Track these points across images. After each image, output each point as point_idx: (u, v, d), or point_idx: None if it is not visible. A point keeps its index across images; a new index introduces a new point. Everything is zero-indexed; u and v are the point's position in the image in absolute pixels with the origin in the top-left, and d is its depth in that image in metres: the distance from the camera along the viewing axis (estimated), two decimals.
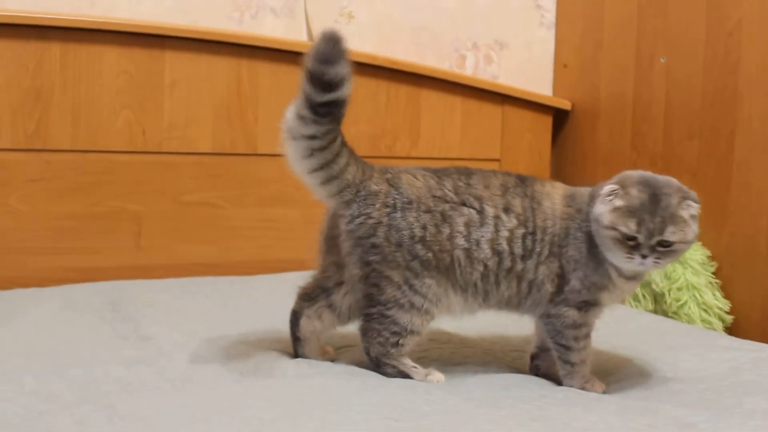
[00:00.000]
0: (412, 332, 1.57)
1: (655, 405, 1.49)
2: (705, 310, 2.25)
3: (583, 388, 1.58)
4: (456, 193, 1.57)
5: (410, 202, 1.55)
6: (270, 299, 2.05)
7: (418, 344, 1.62)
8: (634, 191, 1.49)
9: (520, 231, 1.56)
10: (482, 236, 1.55)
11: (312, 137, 1.54)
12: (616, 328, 2.03)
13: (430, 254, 1.54)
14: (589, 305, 1.57)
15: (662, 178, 1.54)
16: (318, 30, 2.53)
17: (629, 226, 1.47)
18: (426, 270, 1.55)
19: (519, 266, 1.56)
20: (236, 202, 2.39)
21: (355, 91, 2.58)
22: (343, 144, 1.56)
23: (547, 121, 2.84)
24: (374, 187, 1.56)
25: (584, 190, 1.61)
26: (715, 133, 2.40)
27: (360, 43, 2.57)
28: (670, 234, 1.48)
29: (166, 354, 1.64)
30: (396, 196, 1.55)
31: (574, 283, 1.56)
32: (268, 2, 2.50)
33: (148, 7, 2.37)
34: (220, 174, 2.38)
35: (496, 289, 1.58)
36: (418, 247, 1.54)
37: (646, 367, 1.72)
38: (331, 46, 1.49)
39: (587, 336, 1.59)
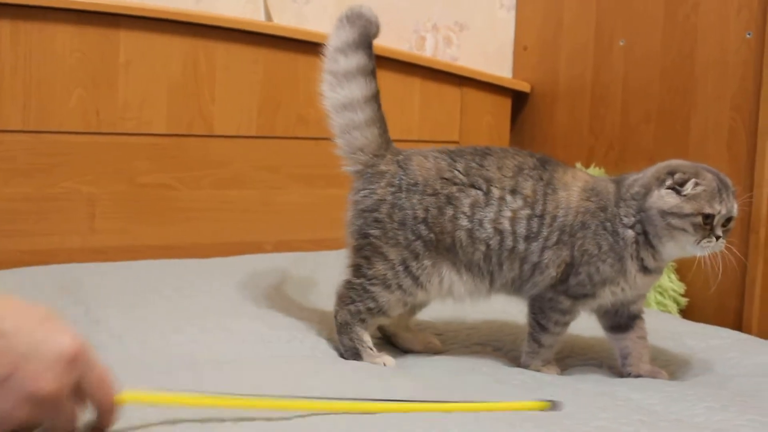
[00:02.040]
0: (384, 313, 1.60)
1: (611, 388, 1.50)
2: (660, 293, 2.27)
3: (538, 371, 1.59)
4: (466, 174, 1.58)
5: (416, 184, 1.58)
6: (226, 282, 2.04)
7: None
8: (708, 175, 1.52)
9: (525, 212, 1.56)
10: (485, 216, 1.56)
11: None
12: None
13: (432, 235, 1.56)
14: (586, 297, 1.57)
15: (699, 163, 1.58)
16: (275, 10, 2.53)
17: (714, 207, 1.49)
18: (427, 251, 1.56)
19: (521, 246, 1.56)
20: (192, 184, 2.36)
21: (312, 71, 2.57)
22: (376, 99, 1.62)
23: (506, 104, 2.84)
24: (382, 168, 1.60)
25: (607, 185, 1.60)
26: (671, 116, 2.41)
27: (317, 24, 2.55)
28: (736, 210, 1.53)
29: (117, 336, 1.62)
30: (402, 177, 1.58)
31: (583, 276, 1.55)
32: None
33: None
34: (176, 155, 2.35)
35: (499, 270, 1.58)
36: (422, 227, 1.56)
37: (602, 351, 1.72)
38: None
39: (567, 324, 1.60)
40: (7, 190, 2.18)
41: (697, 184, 1.50)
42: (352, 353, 1.59)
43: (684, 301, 2.30)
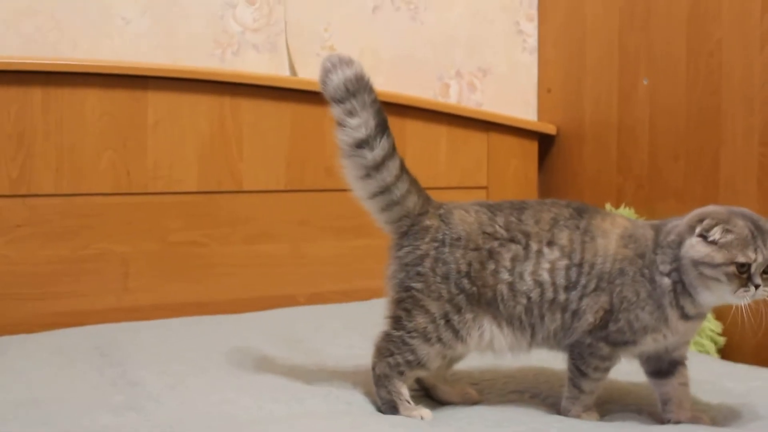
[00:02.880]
0: (423, 365, 1.59)
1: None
2: (697, 333, 2.24)
3: (578, 417, 1.57)
4: (507, 229, 1.59)
5: (459, 239, 1.58)
6: (260, 337, 2.04)
7: None
8: (739, 222, 1.48)
9: (563, 262, 1.56)
10: (525, 269, 1.56)
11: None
12: None
13: (474, 288, 1.56)
14: (626, 344, 1.56)
15: (739, 208, 1.54)
16: (299, 64, 2.56)
17: (748, 255, 1.46)
18: (470, 304, 1.56)
19: (562, 296, 1.56)
20: (223, 240, 2.38)
21: None
22: (403, 169, 1.60)
23: (532, 147, 2.84)
24: (427, 222, 1.60)
25: (646, 232, 1.58)
26: (699, 153, 2.40)
27: None
28: None
29: (154, 398, 1.63)
30: (446, 232, 1.59)
31: (623, 324, 1.54)
32: (250, 38, 2.50)
33: (129, 47, 2.36)
34: (206, 213, 2.37)
35: (541, 323, 1.58)
36: (465, 281, 1.56)
37: (642, 397, 1.70)
38: None
39: (607, 370, 1.59)
40: (42, 253, 2.21)
41: (728, 231, 1.47)
42: (390, 406, 1.58)
43: (722, 340, 2.27)
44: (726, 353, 2.25)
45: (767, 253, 1.47)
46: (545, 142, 2.88)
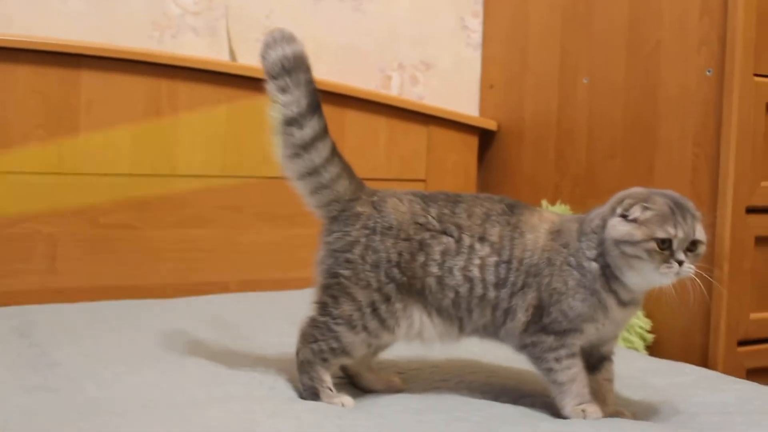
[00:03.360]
0: (347, 353, 1.57)
1: (570, 428, 1.48)
2: (626, 329, 2.26)
3: (582, 412, 1.52)
4: (439, 221, 1.57)
5: (390, 228, 1.57)
6: (187, 322, 2.01)
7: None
8: (658, 199, 1.48)
9: (493, 259, 1.55)
10: (455, 264, 1.55)
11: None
12: None
13: (404, 278, 1.55)
14: (567, 332, 1.54)
15: (662, 190, 1.54)
16: (239, 50, 2.53)
17: (668, 230, 1.45)
18: (399, 294, 1.55)
19: (491, 294, 1.55)
20: (155, 224, 2.35)
21: None
22: (335, 153, 1.58)
23: (473, 142, 2.85)
24: (358, 209, 1.58)
25: (570, 224, 1.58)
26: (635, 153, 2.42)
27: None
28: (699, 233, 1.48)
29: (72, 380, 1.59)
30: (378, 220, 1.57)
31: (555, 314, 1.53)
32: (189, 21, 2.47)
33: (66, 26, 2.32)
34: (139, 195, 2.33)
35: (469, 316, 1.56)
36: (395, 270, 1.55)
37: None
38: None
39: (570, 356, 1.54)
40: None
41: (646, 209, 1.47)
42: (311, 393, 1.57)
43: (650, 337, 2.29)
44: (654, 351, 2.28)
45: (688, 229, 1.47)
46: (486, 138, 2.89)
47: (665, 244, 1.46)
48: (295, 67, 1.53)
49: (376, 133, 2.66)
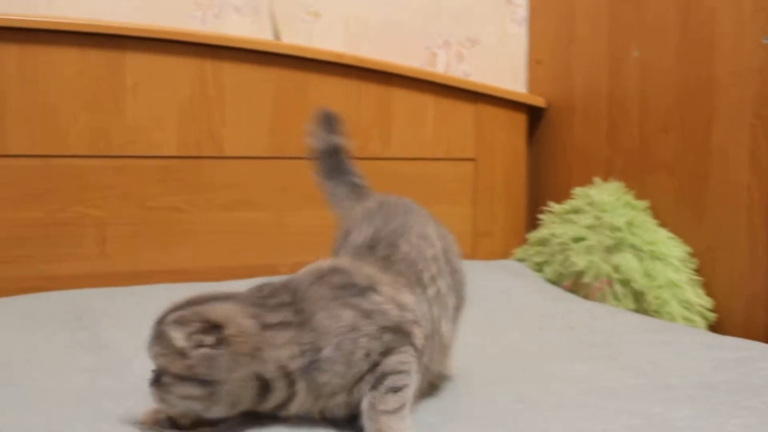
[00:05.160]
0: None
1: (635, 404, 1.44)
2: (687, 308, 2.20)
3: None
4: None
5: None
6: None
7: None
8: None
9: None
10: None
11: None
12: (595, 325, 1.99)
13: None
14: None
15: None
16: (284, 29, 2.50)
17: None
18: None
19: None
20: (203, 207, 2.33)
21: (324, 90, 2.54)
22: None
23: (521, 119, 2.79)
24: None
25: None
26: (690, 125, 2.36)
27: (327, 42, 2.52)
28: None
29: (125, 360, 1.58)
30: None
31: None
32: (232, 0, 2.44)
33: (107, 7, 2.30)
34: (186, 178, 2.31)
35: None
36: None
37: (628, 365, 1.66)
38: None
39: None
40: (16, 215, 2.15)
41: None
42: None
43: (712, 316, 2.23)
44: (716, 329, 2.21)
45: None
46: (534, 115, 2.83)
47: None
48: None
49: (424, 111, 2.62)
